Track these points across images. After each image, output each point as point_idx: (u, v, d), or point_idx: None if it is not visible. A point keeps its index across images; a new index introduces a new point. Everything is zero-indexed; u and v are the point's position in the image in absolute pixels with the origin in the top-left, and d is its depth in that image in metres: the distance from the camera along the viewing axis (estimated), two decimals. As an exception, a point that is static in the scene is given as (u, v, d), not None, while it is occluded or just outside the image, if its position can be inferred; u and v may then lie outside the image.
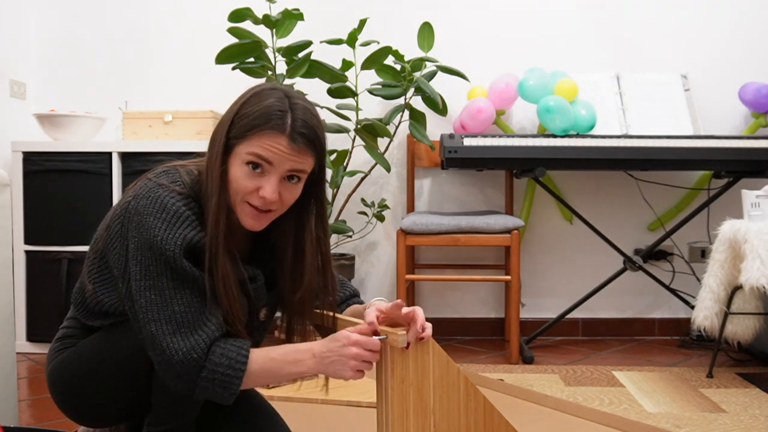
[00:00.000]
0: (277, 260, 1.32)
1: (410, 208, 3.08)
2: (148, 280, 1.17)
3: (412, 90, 2.79)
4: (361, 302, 1.48)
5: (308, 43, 2.68)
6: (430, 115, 2.93)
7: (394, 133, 2.94)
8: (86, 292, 1.31)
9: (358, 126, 2.78)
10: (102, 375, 1.27)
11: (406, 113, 2.86)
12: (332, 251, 3.01)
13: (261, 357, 1.20)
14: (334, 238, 3.06)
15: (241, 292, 1.24)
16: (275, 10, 2.75)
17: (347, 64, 2.83)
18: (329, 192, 2.94)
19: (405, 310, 1.21)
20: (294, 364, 1.20)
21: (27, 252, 2.77)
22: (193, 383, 1.16)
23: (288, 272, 1.31)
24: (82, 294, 1.33)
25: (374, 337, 1.18)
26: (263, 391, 2.07)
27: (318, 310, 1.39)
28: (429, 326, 1.22)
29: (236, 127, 1.20)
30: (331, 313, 1.35)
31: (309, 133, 1.20)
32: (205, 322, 1.17)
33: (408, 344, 1.18)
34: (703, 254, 3.07)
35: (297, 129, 1.19)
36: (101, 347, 1.29)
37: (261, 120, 1.18)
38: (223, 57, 2.61)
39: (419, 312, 1.20)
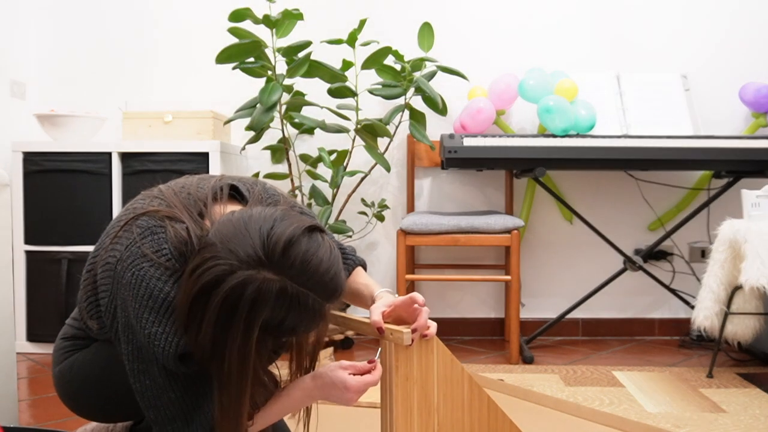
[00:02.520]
0: None
1: (410, 208, 3.08)
2: (140, 364, 1.13)
3: (412, 90, 2.79)
4: (361, 262, 1.46)
5: (308, 43, 2.68)
6: (430, 115, 2.93)
7: (394, 133, 2.94)
8: (90, 325, 1.27)
9: (358, 126, 2.78)
10: (114, 379, 1.26)
11: (406, 113, 2.86)
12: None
13: (260, 424, 1.21)
14: (334, 238, 3.05)
15: None
16: (275, 10, 2.75)
17: (347, 64, 2.83)
18: (329, 192, 2.94)
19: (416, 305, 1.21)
20: (295, 409, 1.23)
21: (27, 252, 2.77)
22: None
23: None
24: (86, 321, 1.29)
25: (368, 367, 1.20)
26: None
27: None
28: (433, 324, 1.22)
29: (275, 340, 1.12)
30: (333, 312, 1.35)
31: (338, 286, 1.10)
32: (201, 407, 1.15)
33: (412, 341, 1.18)
34: (703, 254, 3.07)
35: (333, 297, 1.10)
36: (113, 352, 1.25)
37: (304, 325, 1.09)
38: (223, 57, 2.61)
39: (425, 312, 1.20)
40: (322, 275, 1.07)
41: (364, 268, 1.47)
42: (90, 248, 2.71)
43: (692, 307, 2.52)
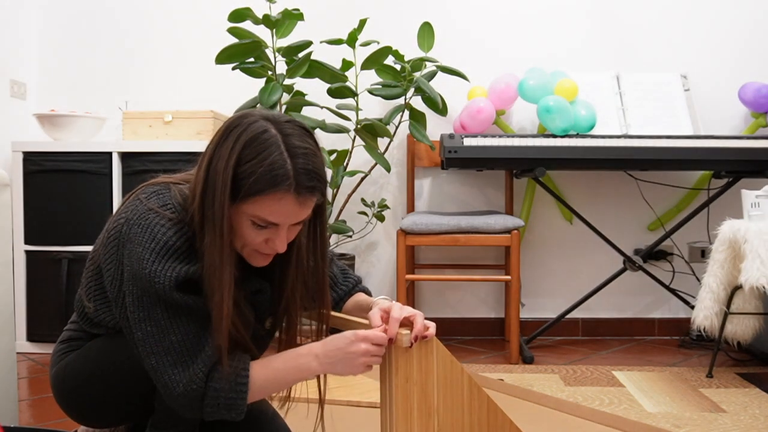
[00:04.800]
0: (278, 279, 1.31)
1: (410, 208, 3.08)
2: (142, 312, 1.16)
3: (412, 90, 2.79)
4: (365, 289, 1.48)
5: (308, 43, 2.68)
6: (430, 115, 2.93)
7: (394, 133, 2.94)
8: (87, 308, 1.31)
9: (358, 126, 2.78)
10: (106, 378, 1.27)
11: (406, 113, 2.86)
12: (332, 251, 3.01)
13: (262, 371, 1.20)
14: (334, 238, 3.06)
15: (248, 304, 1.25)
16: (275, 10, 2.75)
17: (347, 64, 2.83)
18: (329, 192, 2.94)
19: (407, 312, 1.21)
20: (298, 371, 1.20)
21: (27, 252, 2.77)
22: (199, 410, 1.17)
23: (281, 291, 1.30)
24: (83, 307, 1.33)
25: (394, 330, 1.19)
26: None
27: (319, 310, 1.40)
28: (432, 325, 1.23)
29: (237, 187, 1.14)
30: (334, 313, 1.36)
31: (314, 182, 1.16)
32: (202, 348, 1.16)
33: (412, 343, 1.18)
34: (703, 254, 3.07)
35: (302, 183, 1.14)
36: (106, 351, 1.29)
37: (265, 184, 1.12)
38: (223, 57, 2.61)
39: (419, 316, 1.21)
40: (307, 154, 1.16)
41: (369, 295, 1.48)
42: (90, 248, 2.71)
43: (692, 307, 2.52)
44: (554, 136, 2.67)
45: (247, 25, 2.67)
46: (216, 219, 1.14)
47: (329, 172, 2.90)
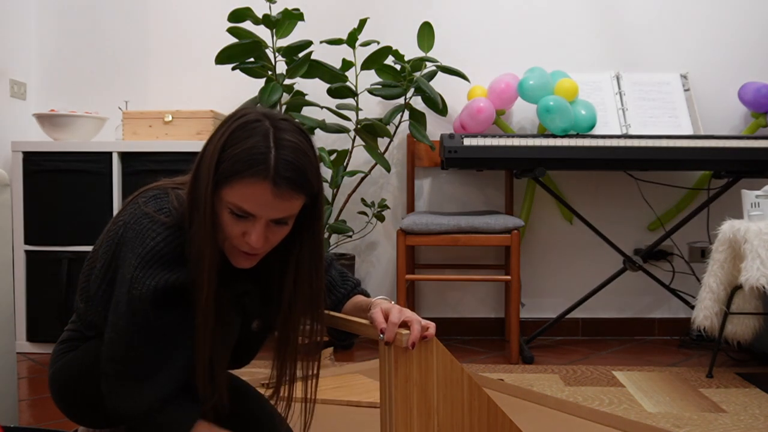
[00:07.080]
0: (273, 283, 1.30)
1: (410, 208, 3.08)
2: (114, 316, 1.17)
3: (412, 90, 2.79)
4: (363, 292, 1.47)
5: (308, 43, 2.68)
6: (430, 115, 2.93)
7: (394, 133, 2.94)
8: (79, 309, 1.33)
9: (358, 126, 2.78)
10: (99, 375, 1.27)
11: (406, 113, 2.87)
12: (332, 251, 3.01)
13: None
14: (334, 238, 3.06)
15: (232, 308, 1.24)
16: (275, 10, 2.75)
17: (347, 64, 2.83)
18: (329, 192, 2.94)
19: (405, 316, 1.21)
20: None
21: (27, 252, 2.77)
22: (132, 429, 1.18)
23: (277, 296, 1.29)
24: (78, 308, 1.34)
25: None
26: (264, 391, 2.06)
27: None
28: (432, 325, 1.22)
29: (221, 168, 1.13)
30: (333, 313, 1.36)
31: (294, 176, 1.12)
32: (159, 371, 1.15)
33: (413, 344, 1.18)
34: (703, 254, 3.07)
35: (281, 173, 1.11)
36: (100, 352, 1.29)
37: (242, 166, 1.10)
38: (223, 57, 2.61)
39: (416, 322, 1.20)
40: (294, 149, 1.14)
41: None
42: (90, 248, 2.71)
43: (692, 307, 2.52)
44: (554, 136, 2.67)
45: (247, 25, 2.67)
46: (200, 203, 1.14)
47: (329, 172, 2.90)
